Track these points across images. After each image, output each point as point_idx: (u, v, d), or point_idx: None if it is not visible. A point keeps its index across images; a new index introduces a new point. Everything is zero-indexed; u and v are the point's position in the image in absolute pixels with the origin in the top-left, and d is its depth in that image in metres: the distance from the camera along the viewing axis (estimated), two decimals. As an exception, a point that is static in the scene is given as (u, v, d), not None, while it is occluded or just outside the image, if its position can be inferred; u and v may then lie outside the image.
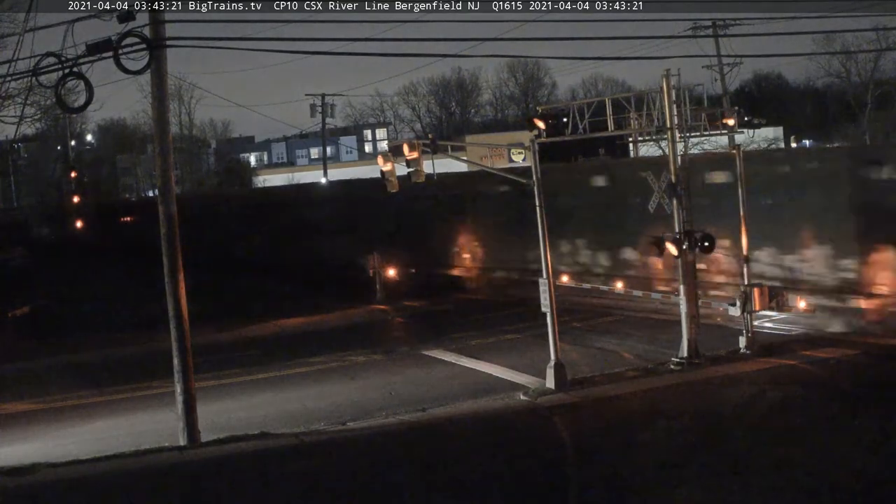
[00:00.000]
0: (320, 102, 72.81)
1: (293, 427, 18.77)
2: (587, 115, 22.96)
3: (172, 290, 18.21)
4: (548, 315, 20.72)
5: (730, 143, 23.45)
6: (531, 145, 21.44)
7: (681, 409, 18.51)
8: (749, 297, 22.22)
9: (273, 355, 26.41)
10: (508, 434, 17.85)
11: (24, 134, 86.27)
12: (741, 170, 23.05)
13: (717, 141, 44.36)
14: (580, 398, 19.77)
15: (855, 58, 72.41)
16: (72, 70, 16.81)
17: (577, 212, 32.33)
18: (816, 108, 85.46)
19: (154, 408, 21.14)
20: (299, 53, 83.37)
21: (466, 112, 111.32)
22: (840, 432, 16.23)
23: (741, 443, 16.09)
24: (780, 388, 19.40)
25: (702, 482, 14.42)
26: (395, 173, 21.14)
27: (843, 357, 21.47)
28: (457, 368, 23.52)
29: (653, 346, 23.91)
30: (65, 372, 26.39)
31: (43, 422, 20.92)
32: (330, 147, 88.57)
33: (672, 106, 21.88)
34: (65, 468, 16.71)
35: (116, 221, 72.49)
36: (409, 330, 30.57)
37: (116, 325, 34.03)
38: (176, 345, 18.18)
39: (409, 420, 18.96)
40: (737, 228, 23.01)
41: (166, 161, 18.37)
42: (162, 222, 18.24)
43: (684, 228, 21.75)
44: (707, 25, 54.65)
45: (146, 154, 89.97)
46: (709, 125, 23.23)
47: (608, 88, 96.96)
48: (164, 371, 19.59)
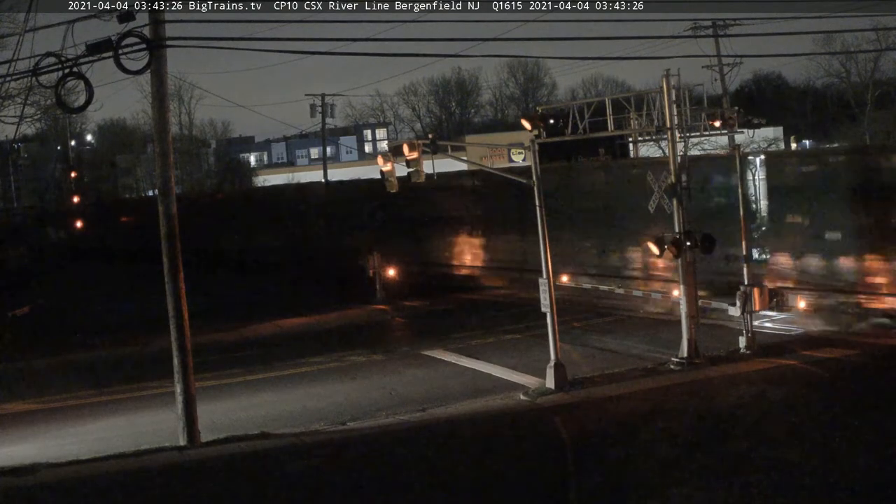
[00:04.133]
0: (320, 102, 72.73)
1: (293, 427, 18.77)
2: (587, 115, 22.98)
3: (172, 289, 18.20)
4: (548, 315, 20.72)
5: (730, 143, 23.46)
6: (531, 145, 21.44)
7: (681, 409, 18.51)
8: (749, 297, 22.23)
9: (273, 355, 26.41)
10: (508, 434, 17.85)
11: (24, 134, 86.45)
12: (741, 170, 23.05)
13: (717, 141, 44.43)
14: (580, 398, 19.77)
15: (855, 58, 72.42)
16: (72, 70, 16.80)
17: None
18: (816, 108, 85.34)
19: (154, 408, 21.14)
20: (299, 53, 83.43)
21: (466, 112, 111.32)
22: (840, 432, 16.22)
23: (741, 443, 16.09)
24: (780, 388, 19.40)
25: (702, 482, 14.41)
26: (395, 173, 21.15)
27: (843, 357, 21.48)
28: (457, 368, 23.52)
29: (653, 346, 23.92)
30: (65, 372, 26.38)
31: (43, 422, 20.91)
32: (330, 147, 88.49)
33: (672, 106, 21.87)
34: (65, 468, 16.71)
35: (116, 221, 72.45)
36: (409, 330, 30.58)
37: (116, 325, 34.03)
38: (176, 344, 18.18)
39: (409, 420, 18.96)
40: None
41: (166, 161, 18.36)
42: (162, 222, 18.24)
43: (684, 228, 21.75)
44: (707, 25, 54.67)
45: (146, 154, 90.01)
46: (709, 125, 23.25)
47: (608, 88, 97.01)
48: (164, 371, 19.59)
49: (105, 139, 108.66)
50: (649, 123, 22.57)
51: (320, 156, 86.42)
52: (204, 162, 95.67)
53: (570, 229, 32.02)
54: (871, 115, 68.94)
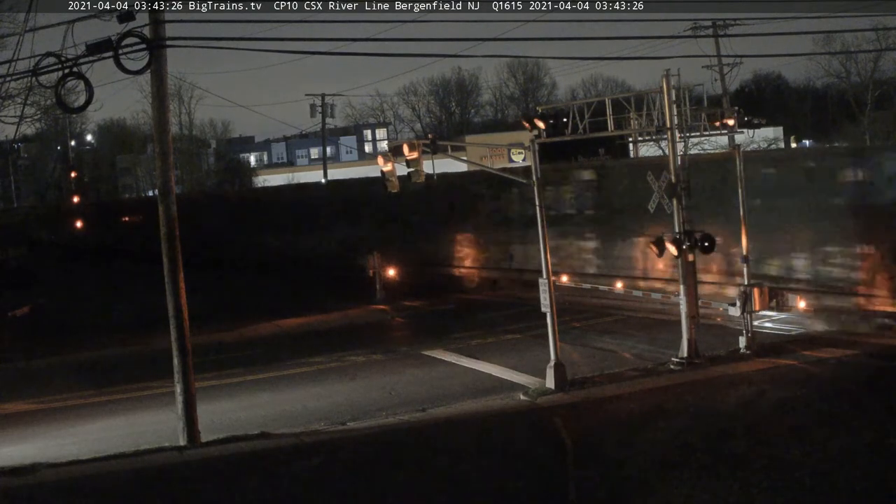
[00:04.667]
0: (320, 102, 72.83)
1: (293, 427, 18.77)
2: (587, 116, 22.97)
3: (172, 289, 18.20)
4: (548, 315, 20.72)
5: (730, 143, 23.46)
6: (531, 145, 21.44)
7: (681, 409, 18.50)
8: (749, 297, 22.23)
9: (273, 355, 26.40)
10: (508, 434, 17.85)
11: (24, 134, 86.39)
12: (741, 170, 23.05)
13: (717, 141, 44.42)
14: (580, 398, 19.77)
15: (855, 58, 72.47)
16: (72, 70, 16.80)
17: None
18: (816, 108, 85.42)
19: (154, 408, 21.14)
20: (299, 53, 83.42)
21: (466, 112, 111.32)
22: (840, 432, 16.23)
23: (741, 443, 16.10)
24: (780, 387, 19.40)
25: (702, 482, 14.42)
26: (395, 173, 21.14)
27: (843, 357, 21.48)
28: (457, 368, 23.52)
29: (653, 346, 23.91)
30: (65, 372, 26.38)
31: (43, 422, 20.91)
32: (330, 147, 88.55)
33: (672, 106, 21.87)
34: (65, 468, 16.70)
35: (116, 221, 72.46)
36: (409, 330, 30.57)
37: (116, 325, 34.03)
38: (176, 345, 18.17)
39: (409, 420, 18.95)
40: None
41: (166, 161, 18.36)
42: (162, 222, 18.24)
43: (684, 228, 21.75)
44: (707, 25, 54.71)
45: (146, 154, 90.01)
46: (709, 125, 23.25)
47: (608, 88, 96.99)
48: (164, 371, 19.57)
49: (105, 139, 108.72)
50: (649, 123, 22.57)
51: (320, 156, 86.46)
52: (204, 162, 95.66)
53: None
54: (871, 115, 68.99)
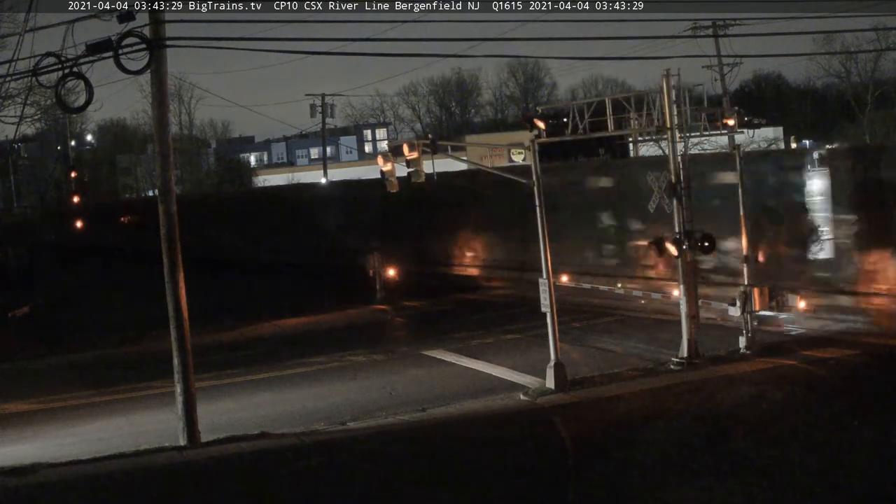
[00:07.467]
0: (320, 102, 72.86)
1: (293, 427, 18.76)
2: (587, 115, 22.93)
3: (172, 289, 18.19)
4: (548, 315, 20.71)
5: (730, 143, 23.43)
6: (531, 145, 21.43)
7: (681, 409, 18.49)
8: (749, 297, 22.21)
9: (273, 355, 26.39)
10: (508, 434, 17.83)
11: (24, 134, 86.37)
12: (741, 169, 23.04)
13: (717, 141, 44.36)
14: (580, 398, 19.77)
15: (855, 58, 72.56)
16: (72, 70, 16.80)
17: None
18: (816, 108, 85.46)
19: (154, 408, 21.13)
20: (299, 53, 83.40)
21: (466, 112, 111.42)
22: (840, 432, 16.23)
23: (741, 443, 16.09)
24: (780, 388, 19.38)
25: (702, 482, 14.42)
26: (395, 173, 21.13)
27: (843, 357, 21.46)
28: (457, 368, 23.52)
29: (653, 346, 23.90)
30: (65, 372, 26.39)
31: (43, 422, 20.91)
32: (330, 147, 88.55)
33: (672, 106, 21.85)
34: (65, 468, 16.69)
35: (116, 221, 72.44)
36: (409, 330, 30.57)
37: (116, 325, 34.01)
38: (176, 345, 18.17)
39: (408, 420, 18.95)
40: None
41: (166, 161, 18.36)
42: (162, 222, 18.23)
43: (684, 228, 21.75)
44: (707, 25, 54.68)
45: (146, 154, 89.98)
46: (709, 125, 23.23)
47: (608, 88, 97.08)
48: (164, 371, 19.58)
49: (105, 139, 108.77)
50: (649, 123, 22.54)
51: (320, 156, 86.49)
52: (204, 162, 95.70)
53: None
54: (871, 115, 69.01)
